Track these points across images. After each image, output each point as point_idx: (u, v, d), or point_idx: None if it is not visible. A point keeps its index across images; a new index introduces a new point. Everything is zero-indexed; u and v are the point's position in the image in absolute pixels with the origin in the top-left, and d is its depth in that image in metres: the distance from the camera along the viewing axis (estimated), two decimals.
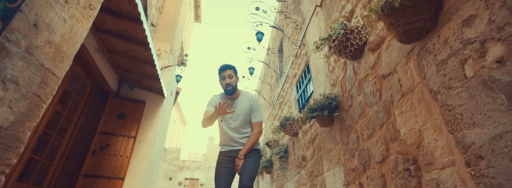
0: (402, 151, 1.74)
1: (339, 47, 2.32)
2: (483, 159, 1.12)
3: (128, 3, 3.44)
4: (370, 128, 2.19)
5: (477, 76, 1.16)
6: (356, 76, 2.46)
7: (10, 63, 1.56)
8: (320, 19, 3.80)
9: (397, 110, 1.79)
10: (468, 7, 1.21)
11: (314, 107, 2.96)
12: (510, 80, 1.01)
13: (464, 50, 1.23)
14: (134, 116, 5.05)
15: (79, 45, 2.25)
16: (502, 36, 1.04)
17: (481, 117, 1.13)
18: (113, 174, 4.40)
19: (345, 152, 2.69)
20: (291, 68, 5.34)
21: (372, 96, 2.14)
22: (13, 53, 1.57)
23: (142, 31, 3.75)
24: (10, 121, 1.59)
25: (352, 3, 2.64)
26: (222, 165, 2.25)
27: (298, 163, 4.50)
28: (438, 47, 1.39)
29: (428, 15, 1.40)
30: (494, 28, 1.07)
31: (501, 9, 1.04)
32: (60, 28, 1.99)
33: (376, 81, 2.09)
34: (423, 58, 1.52)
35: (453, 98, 1.29)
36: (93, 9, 2.39)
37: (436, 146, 1.43)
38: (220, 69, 2.35)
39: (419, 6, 1.40)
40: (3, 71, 1.51)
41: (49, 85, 1.91)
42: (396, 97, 1.81)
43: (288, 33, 5.81)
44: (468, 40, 1.20)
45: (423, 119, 1.54)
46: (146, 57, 4.40)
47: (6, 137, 1.56)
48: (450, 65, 1.31)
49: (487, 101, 1.11)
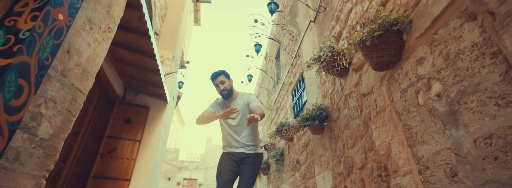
0: (376, 160, 2.07)
1: (327, 66, 2.65)
2: (429, 169, 1.46)
3: (137, 20, 3.76)
4: (353, 138, 2.52)
5: (425, 105, 1.49)
6: (343, 91, 2.80)
7: (50, 85, 1.88)
8: (313, 34, 4.14)
9: (373, 125, 2.13)
10: (420, 50, 1.54)
11: (307, 117, 3.29)
12: (444, 111, 1.34)
13: (417, 83, 1.56)
14: (139, 120, 5.37)
15: (100, 65, 2.57)
16: (440, 77, 1.37)
17: (428, 137, 1.47)
18: (120, 175, 4.72)
19: (333, 158, 3.02)
20: (287, 76, 5.68)
21: (355, 111, 2.48)
22: (53, 77, 1.89)
23: (149, 45, 4.08)
24: (49, 133, 1.91)
25: (340, 25, 2.97)
26: (225, 162, 2.28)
27: (293, 166, 4.83)
28: (401, 78, 1.73)
29: (394, 51, 1.74)
30: (435, 70, 1.41)
31: (439, 56, 1.38)
32: (86, 51, 2.30)
33: (358, 98, 2.43)
34: (391, 85, 1.86)
35: (411, 119, 1.63)
36: (111, 32, 2.72)
37: (400, 157, 1.76)
38: (212, 78, 2.40)
39: (386, 44, 1.73)
40: (45, 93, 1.83)
41: (78, 102, 2.23)
42: (372, 113, 2.15)
43: (285, 43, 6.14)
44: (420, 76, 1.54)
45: (391, 134, 1.87)
46: (152, 66, 4.72)
47: (47, 147, 1.88)
48: (409, 93, 1.65)
49: (431, 125, 1.44)
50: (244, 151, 2.31)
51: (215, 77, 2.38)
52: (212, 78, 2.40)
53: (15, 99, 1.43)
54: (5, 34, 1.47)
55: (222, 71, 2.43)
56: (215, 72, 2.40)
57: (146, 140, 5.34)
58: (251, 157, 2.28)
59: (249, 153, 2.30)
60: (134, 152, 5.04)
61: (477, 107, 1.15)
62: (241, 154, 2.30)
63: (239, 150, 2.31)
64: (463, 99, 1.23)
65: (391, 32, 1.70)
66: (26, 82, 1.50)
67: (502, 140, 1.03)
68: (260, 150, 2.37)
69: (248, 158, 2.28)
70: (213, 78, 2.39)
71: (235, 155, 2.30)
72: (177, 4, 7.71)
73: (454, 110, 1.28)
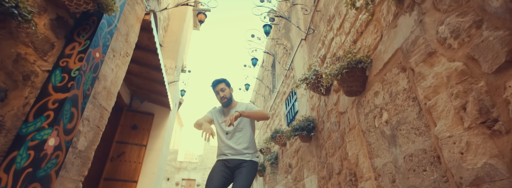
0: (349, 167, 2.55)
1: (312, 87, 3.13)
2: (380, 176, 1.94)
3: (147, 40, 4.22)
4: (333, 148, 3.01)
5: (379, 128, 1.98)
6: (326, 107, 3.28)
7: (86, 106, 2.33)
8: (304, 51, 4.62)
9: (347, 139, 2.61)
10: (376, 85, 2.03)
11: (297, 127, 3.77)
12: (389, 134, 1.83)
13: (374, 110, 2.05)
14: (145, 126, 5.83)
15: (120, 85, 3.03)
16: (387, 108, 1.86)
17: (380, 152, 1.95)
18: (129, 177, 5.17)
19: (318, 163, 3.51)
20: (281, 86, 6.16)
21: (335, 125, 2.96)
22: (88, 100, 2.35)
23: (156, 60, 4.54)
24: (85, 146, 2.37)
25: (325, 49, 3.46)
26: (217, 168, 2.25)
27: (285, 169, 5.31)
28: (365, 104, 2.21)
29: (359, 83, 2.22)
30: (384, 102, 1.89)
31: (387, 92, 1.86)
32: (110, 75, 2.76)
33: (337, 115, 2.91)
34: (359, 108, 2.34)
35: (370, 137, 2.11)
36: (128, 56, 3.18)
37: (364, 166, 2.25)
38: (212, 85, 2.44)
39: (353, 77, 2.22)
40: (82, 113, 2.28)
41: (104, 118, 2.69)
42: (347, 129, 2.63)
43: (280, 54, 6.63)
44: (376, 105, 2.03)
45: (359, 148, 2.35)
46: (158, 78, 5.18)
47: (83, 157, 2.34)
48: (369, 117, 2.13)
49: (382, 143, 1.93)
50: (240, 158, 2.27)
51: (215, 85, 2.42)
52: (213, 86, 2.45)
53: (69, 123, 1.90)
54: (61, 73, 1.93)
55: (223, 79, 2.45)
56: (216, 80, 2.45)
57: (151, 144, 5.80)
58: (247, 162, 2.25)
59: (246, 160, 2.27)
60: (141, 155, 5.50)
61: (406, 133, 1.64)
62: (237, 161, 2.25)
63: (235, 157, 2.27)
64: (399, 127, 1.71)
65: (357, 68, 2.18)
66: (76, 109, 1.97)
67: (416, 158, 1.52)
68: (256, 158, 2.34)
69: (244, 163, 2.24)
70: (214, 85, 2.44)
71: (230, 162, 2.26)
72: (179, 15, 8.16)
73: (394, 134, 1.76)
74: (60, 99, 1.84)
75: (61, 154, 1.83)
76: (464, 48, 1.22)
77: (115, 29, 2.60)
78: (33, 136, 1.68)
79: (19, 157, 1.60)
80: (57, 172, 1.82)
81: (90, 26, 2.21)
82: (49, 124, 1.74)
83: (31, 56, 1.78)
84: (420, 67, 1.50)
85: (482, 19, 1.13)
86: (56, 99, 1.84)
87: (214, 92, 2.46)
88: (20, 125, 1.71)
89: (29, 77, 1.77)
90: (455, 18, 1.27)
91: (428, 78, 1.44)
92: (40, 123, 1.73)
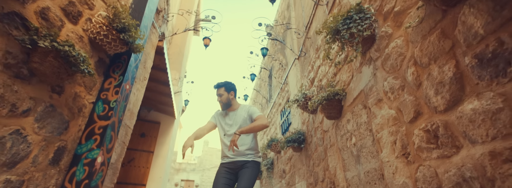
0: (329, 177, 3.12)
1: (302, 106, 3.70)
2: (350, 186, 2.51)
3: (158, 60, 4.77)
4: (318, 160, 3.57)
5: (349, 148, 2.54)
6: (314, 124, 3.85)
7: None
8: (297, 69, 5.19)
9: (329, 153, 3.18)
10: (348, 114, 2.60)
11: (289, 139, 4.34)
12: (355, 154, 2.39)
13: (346, 134, 2.62)
14: (152, 134, 6.37)
15: (139, 105, 3.58)
16: (355, 134, 2.43)
17: (350, 167, 2.52)
18: (138, 181, 5.72)
19: (307, 171, 4.07)
20: (277, 97, 6.73)
21: (320, 140, 3.53)
22: None
23: (165, 77, 5.10)
24: (115, 159, 2.92)
25: (313, 73, 4.02)
26: (220, 174, 2.33)
27: (280, 174, 5.88)
28: (341, 128, 2.78)
29: (337, 111, 2.79)
30: (353, 129, 2.46)
31: (355, 122, 2.43)
32: (132, 99, 3.31)
33: (322, 132, 3.48)
34: (337, 130, 2.91)
35: (344, 155, 2.68)
36: (146, 80, 3.73)
37: (340, 177, 2.81)
38: (214, 88, 2.59)
39: (332, 106, 2.78)
40: (118, 135, 2.82)
41: (128, 135, 3.24)
42: (328, 145, 3.20)
43: (276, 67, 7.19)
44: (347, 130, 2.60)
45: (336, 162, 2.92)
46: (165, 91, 5.74)
47: (113, 168, 2.89)
48: (343, 138, 2.70)
49: (351, 160, 2.50)
50: (243, 159, 2.34)
51: (216, 88, 2.57)
52: (215, 88, 2.60)
53: (109, 143, 2.45)
54: (102, 104, 2.48)
55: (224, 84, 2.55)
56: (217, 84, 2.58)
57: (158, 151, 6.34)
58: (249, 163, 2.32)
59: (248, 160, 2.34)
60: (149, 161, 6.04)
61: (365, 155, 2.21)
62: (240, 162, 2.33)
63: (238, 159, 2.35)
64: (361, 149, 2.28)
65: (335, 99, 2.75)
66: (114, 133, 2.52)
67: (371, 174, 2.09)
68: (258, 159, 2.42)
69: (247, 163, 2.31)
70: (214, 88, 2.59)
71: (233, 164, 2.34)
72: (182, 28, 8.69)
73: (358, 154, 2.34)
74: (103, 125, 2.39)
75: (104, 168, 2.38)
76: (396, 102, 1.79)
77: (139, 62, 3.15)
78: (86, 155, 2.23)
79: (78, 171, 2.15)
80: (102, 182, 2.37)
81: (122, 63, 2.76)
82: (97, 145, 2.29)
83: (82, 93, 2.33)
84: (374, 108, 2.08)
85: (404, 85, 1.71)
86: (101, 125, 2.39)
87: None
88: (76, 146, 2.26)
89: (82, 109, 2.32)
90: (392, 79, 1.84)
91: (377, 117, 2.02)
92: (90, 145, 2.28)
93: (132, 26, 2.51)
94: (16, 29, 1.66)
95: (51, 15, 1.94)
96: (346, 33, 1.95)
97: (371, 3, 2.19)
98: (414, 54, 1.61)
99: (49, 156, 1.97)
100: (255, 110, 2.48)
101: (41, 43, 1.70)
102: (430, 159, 1.44)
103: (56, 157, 2.03)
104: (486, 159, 1.09)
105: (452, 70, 1.31)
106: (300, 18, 5.18)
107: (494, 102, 1.07)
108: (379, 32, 2.06)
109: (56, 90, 2.01)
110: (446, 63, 1.35)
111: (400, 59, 1.75)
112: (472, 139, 1.18)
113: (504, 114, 1.03)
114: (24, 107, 1.73)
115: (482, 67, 1.14)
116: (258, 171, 2.34)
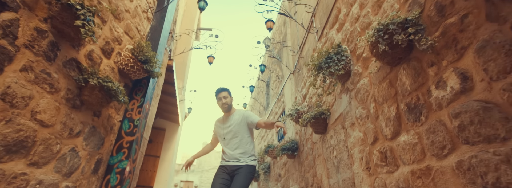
0: (317, 182, 3.66)
1: (295, 120, 4.23)
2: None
3: (167, 75, 5.30)
4: (308, 167, 4.11)
5: (332, 159, 3.08)
6: (305, 135, 4.39)
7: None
8: (292, 83, 5.73)
9: (317, 162, 3.72)
10: (331, 131, 3.14)
11: (284, 147, 4.87)
12: (336, 164, 2.93)
13: (330, 147, 3.16)
14: (158, 140, 6.89)
15: (153, 118, 4.10)
16: (335, 148, 2.96)
17: (332, 175, 3.06)
18: (146, 183, 6.23)
19: (299, 176, 4.61)
20: (274, 106, 7.26)
21: (310, 150, 4.07)
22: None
23: (173, 90, 5.63)
24: (134, 167, 3.43)
25: (305, 90, 4.56)
26: (218, 175, 2.48)
27: (276, 178, 6.41)
28: (326, 141, 3.32)
29: (323, 127, 3.33)
30: (334, 144, 3.00)
31: (336, 138, 2.97)
32: (149, 114, 3.83)
33: (311, 143, 4.02)
34: (323, 143, 3.45)
35: (328, 164, 3.22)
36: (158, 96, 4.26)
37: (325, 183, 3.35)
38: (216, 92, 2.73)
39: (319, 123, 3.32)
40: (140, 147, 3.35)
41: (144, 145, 3.76)
42: (317, 155, 3.73)
43: (273, 78, 7.74)
44: (331, 144, 3.14)
45: (323, 170, 3.46)
46: (171, 101, 6.26)
47: (134, 175, 3.41)
48: (328, 151, 3.24)
49: (333, 169, 3.03)
50: (236, 164, 2.45)
51: (219, 92, 2.71)
52: (217, 93, 2.73)
53: (134, 155, 2.97)
54: (128, 122, 3.00)
55: (227, 88, 2.74)
56: (220, 88, 2.73)
57: (163, 155, 6.86)
58: (242, 168, 2.41)
59: (241, 165, 2.43)
60: (155, 165, 6.55)
61: (342, 166, 2.75)
62: (233, 166, 2.44)
63: (232, 163, 2.46)
64: (340, 161, 2.82)
65: (321, 118, 3.29)
66: (138, 146, 3.04)
67: (346, 182, 2.63)
68: (252, 162, 2.49)
69: (240, 169, 2.41)
70: (218, 92, 2.72)
71: (228, 168, 2.46)
72: (185, 39, 9.22)
73: (338, 165, 2.88)
74: (130, 140, 2.92)
75: (131, 176, 2.90)
76: (363, 127, 2.33)
77: (155, 83, 3.68)
78: (117, 165, 2.75)
79: (111, 178, 2.67)
80: (129, 187, 2.89)
81: (142, 87, 3.28)
82: (125, 157, 2.81)
83: (113, 114, 2.85)
84: (349, 129, 2.62)
85: (368, 115, 2.25)
86: (127, 140, 2.91)
87: (216, 99, 2.74)
88: (109, 158, 2.78)
89: (113, 127, 2.84)
90: (361, 109, 2.39)
91: (351, 137, 2.56)
92: (120, 156, 2.80)
93: (152, 57, 3.04)
94: (73, 71, 2.19)
95: (94, 55, 2.47)
96: (326, 71, 2.49)
97: (348, 44, 2.73)
98: (374, 93, 2.15)
99: (91, 167, 2.50)
100: (250, 113, 2.64)
101: (91, 81, 2.22)
102: (382, 173, 1.99)
103: (96, 167, 2.56)
104: (409, 176, 1.64)
105: (394, 111, 1.85)
106: (295, 36, 5.73)
107: (413, 138, 1.62)
108: (353, 69, 2.60)
109: (96, 114, 2.54)
110: (391, 105, 1.89)
111: (366, 95, 2.30)
112: (404, 161, 1.72)
113: (418, 146, 1.58)
114: (77, 130, 2.26)
115: (409, 112, 1.69)
116: (251, 175, 2.43)
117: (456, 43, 1.32)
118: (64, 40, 2.07)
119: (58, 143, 2.03)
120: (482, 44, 1.17)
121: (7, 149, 1.61)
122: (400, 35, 1.56)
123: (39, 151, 1.86)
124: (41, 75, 1.86)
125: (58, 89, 2.02)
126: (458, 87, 1.29)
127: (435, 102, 1.45)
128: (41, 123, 1.86)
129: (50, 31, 1.92)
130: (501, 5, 1.09)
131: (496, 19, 1.11)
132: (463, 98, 1.27)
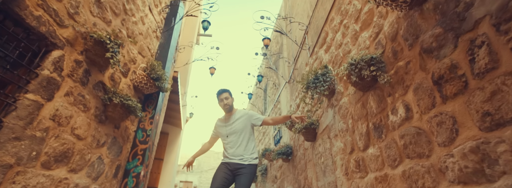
0: (308, 184, 4.09)
1: (289, 128, 4.67)
2: None
3: (172, 85, 5.72)
4: (301, 170, 4.55)
5: (320, 164, 3.52)
6: (299, 141, 4.83)
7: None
8: (287, 92, 6.17)
9: (308, 165, 4.15)
10: (320, 140, 3.58)
11: (279, 152, 5.31)
12: (324, 169, 3.37)
13: (318, 154, 3.59)
14: (162, 144, 7.30)
15: (161, 126, 4.52)
16: (323, 155, 3.40)
17: (321, 178, 3.49)
18: (151, 185, 6.64)
19: (293, 179, 5.05)
20: (271, 112, 7.70)
21: (302, 155, 4.51)
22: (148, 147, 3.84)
23: (177, 98, 6.05)
24: (147, 171, 3.86)
25: (298, 99, 5.00)
26: (220, 169, 2.54)
27: (272, 179, 6.85)
28: (316, 149, 3.76)
29: (313, 136, 3.77)
30: (322, 151, 3.44)
31: (323, 146, 3.41)
32: (159, 123, 4.25)
33: (303, 149, 4.45)
34: (313, 149, 3.89)
35: (317, 169, 3.65)
36: (165, 106, 4.68)
37: (314, 185, 3.78)
38: (218, 94, 2.81)
39: (309, 133, 3.76)
40: (152, 154, 3.77)
41: (154, 151, 4.18)
42: (308, 160, 4.17)
43: (270, 84, 8.17)
44: (319, 151, 3.57)
45: (313, 173, 3.89)
46: (174, 108, 6.69)
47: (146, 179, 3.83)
48: (317, 157, 3.68)
49: (321, 173, 3.47)
50: (239, 162, 2.49)
51: (221, 93, 2.78)
52: (218, 94, 2.80)
53: (147, 161, 3.39)
54: (141, 132, 3.42)
55: (228, 90, 2.81)
56: (221, 89, 2.82)
57: (167, 158, 7.28)
58: (245, 168, 2.45)
59: (244, 164, 2.48)
60: (160, 167, 6.97)
61: (328, 171, 3.19)
62: (236, 165, 2.49)
63: (234, 161, 2.50)
64: (326, 167, 3.26)
65: (311, 128, 3.73)
66: (150, 153, 3.47)
67: (330, 184, 3.07)
68: (253, 161, 2.54)
69: (243, 169, 2.45)
70: (219, 93, 2.79)
71: (230, 165, 2.52)
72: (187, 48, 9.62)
73: (325, 170, 3.31)
74: (143, 148, 3.34)
75: (145, 179, 3.33)
76: (343, 138, 2.77)
77: (163, 95, 4.11)
78: (133, 170, 3.17)
79: (129, 182, 3.09)
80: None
81: (153, 100, 3.71)
82: (140, 163, 3.24)
83: (129, 125, 3.28)
84: (333, 140, 3.06)
85: (347, 129, 2.69)
86: (141, 148, 3.34)
87: (218, 100, 2.81)
88: (126, 163, 3.20)
89: (129, 137, 3.27)
90: (342, 123, 2.82)
91: (335, 146, 3.00)
92: (135, 162, 3.23)
93: (163, 74, 3.47)
94: (100, 91, 2.61)
95: (115, 76, 2.89)
96: (314, 91, 2.93)
97: (333, 66, 3.17)
98: (352, 111, 2.59)
99: (112, 171, 2.92)
100: (254, 113, 2.81)
101: (114, 100, 2.65)
102: (357, 178, 2.43)
103: (116, 172, 2.99)
104: (374, 181, 2.08)
105: (365, 128, 2.29)
106: (290, 48, 6.17)
107: (377, 151, 2.06)
108: (337, 88, 3.04)
109: (116, 126, 2.96)
110: (363, 123, 2.33)
111: (346, 112, 2.74)
112: (371, 169, 2.16)
113: (380, 158, 2.02)
114: (103, 141, 2.68)
115: (375, 130, 2.12)
116: (254, 175, 2.51)
117: (403, 81, 1.76)
118: (94, 67, 2.50)
119: (89, 152, 2.46)
120: (416, 86, 1.61)
121: (55, 159, 2.03)
122: (366, 71, 2.00)
123: (76, 160, 2.28)
124: (78, 97, 2.28)
125: (89, 108, 2.45)
126: (404, 115, 1.73)
127: (391, 124, 1.89)
128: (78, 137, 2.28)
129: (84, 61, 2.35)
130: (427, 59, 1.53)
131: (424, 70, 1.55)
132: (406, 123, 1.71)
